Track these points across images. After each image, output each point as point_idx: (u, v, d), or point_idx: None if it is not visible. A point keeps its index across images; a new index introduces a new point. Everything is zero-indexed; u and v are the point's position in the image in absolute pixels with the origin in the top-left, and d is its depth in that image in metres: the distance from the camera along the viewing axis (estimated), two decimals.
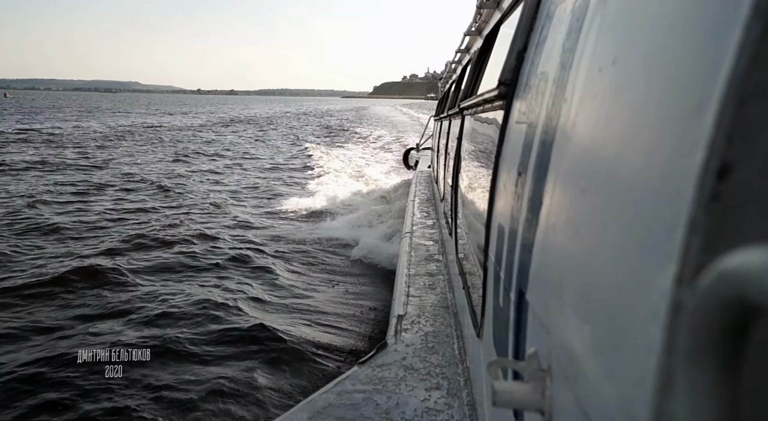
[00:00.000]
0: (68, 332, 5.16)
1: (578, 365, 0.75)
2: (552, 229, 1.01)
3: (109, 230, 8.96)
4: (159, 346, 4.81)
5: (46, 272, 6.58)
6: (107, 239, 8.35)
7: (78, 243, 8.13)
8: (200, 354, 4.74)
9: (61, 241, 8.24)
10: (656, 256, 0.53)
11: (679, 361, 0.42)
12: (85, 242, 8.21)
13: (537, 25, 1.55)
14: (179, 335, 5.02)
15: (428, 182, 9.29)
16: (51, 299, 5.88)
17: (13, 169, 15.00)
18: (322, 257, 7.75)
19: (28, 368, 4.46)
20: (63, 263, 6.99)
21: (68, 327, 5.26)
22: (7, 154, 18.21)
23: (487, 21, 3.67)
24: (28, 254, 7.47)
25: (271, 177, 16.15)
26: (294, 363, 4.58)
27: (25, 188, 12.27)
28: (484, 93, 2.30)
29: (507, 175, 1.53)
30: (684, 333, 0.42)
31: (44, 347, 4.84)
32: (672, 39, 0.60)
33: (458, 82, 5.88)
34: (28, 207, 10.15)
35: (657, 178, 0.56)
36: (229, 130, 37.68)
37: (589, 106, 0.87)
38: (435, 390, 2.45)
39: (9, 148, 20.30)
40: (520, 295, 1.21)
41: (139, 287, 6.27)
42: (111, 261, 7.05)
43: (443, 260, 4.54)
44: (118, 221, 9.57)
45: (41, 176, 14.24)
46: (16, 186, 12.54)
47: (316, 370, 4.47)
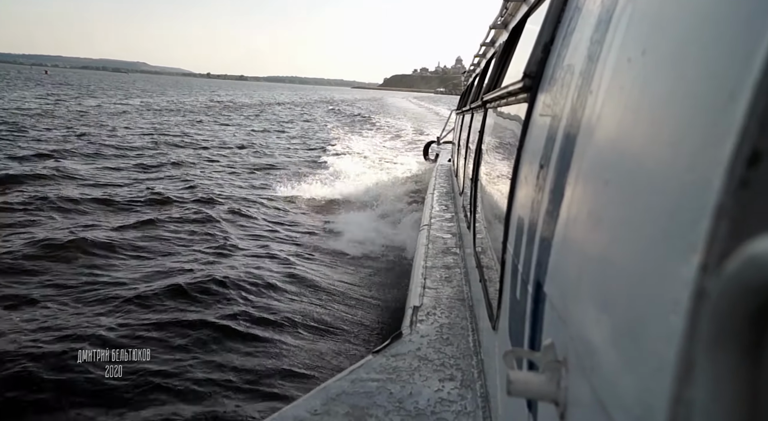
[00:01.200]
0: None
1: (595, 356, 0.75)
2: (573, 221, 1.00)
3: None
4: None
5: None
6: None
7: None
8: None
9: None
10: (680, 245, 0.53)
11: (701, 349, 0.42)
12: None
13: (565, 17, 1.53)
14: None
15: (448, 176, 9.26)
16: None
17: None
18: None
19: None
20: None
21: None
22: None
23: (513, 14, 3.64)
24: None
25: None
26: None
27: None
28: (508, 86, 2.29)
29: (528, 167, 1.52)
30: (707, 320, 0.42)
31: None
32: (704, 28, 0.60)
33: (482, 75, 5.84)
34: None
35: (684, 168, 0.56)
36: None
37: (616, 98, 0.86)
38: (449, 381, 2.46)
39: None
40: (538, 287, 1.21)
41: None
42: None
43: (460, 254, 4.53)
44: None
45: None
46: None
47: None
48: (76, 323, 4.98)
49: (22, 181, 10.42)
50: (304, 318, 5.53)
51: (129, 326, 5.00)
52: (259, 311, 5.54)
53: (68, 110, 27.58)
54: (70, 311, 5.25)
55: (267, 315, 5.47)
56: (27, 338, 4.66)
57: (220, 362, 4.55)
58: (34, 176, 10.84)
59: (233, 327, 5.10)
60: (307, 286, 6.43)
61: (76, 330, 4.82)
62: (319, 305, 5.96)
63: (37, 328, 4.86)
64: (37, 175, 10.91)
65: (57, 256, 6.58)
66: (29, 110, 25.28)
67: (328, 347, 5.02)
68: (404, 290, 4.20)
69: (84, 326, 4.91)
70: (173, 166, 14.01)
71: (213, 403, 4.03)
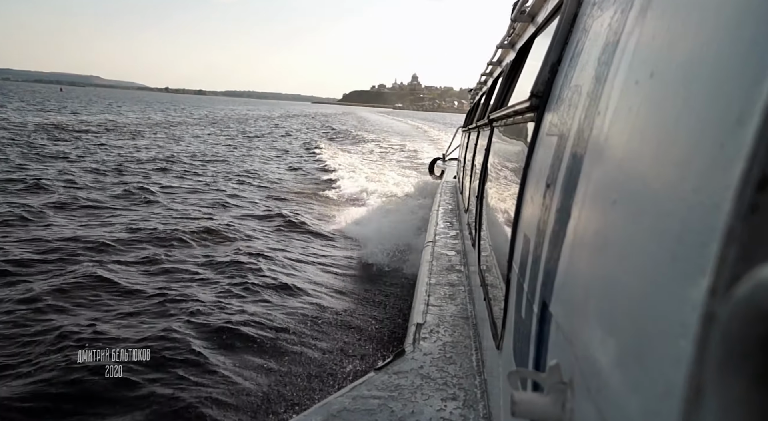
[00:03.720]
0: None
1: (602, 378, 0.75)
2: (580, 241, 1.00)
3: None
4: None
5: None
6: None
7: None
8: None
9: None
10: (688, 268, 0.53)
11: (710, 373, 0.42)
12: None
13: (572, 38, 1.55)
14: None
15: (453, 193, 9.27)
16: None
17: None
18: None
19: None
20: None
21: None
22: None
23: (520, 34, 3.67)
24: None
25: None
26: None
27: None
28: (515, 105, 2.30)
29: (535, 186, 1.53)
30: (716, 344, 0.42)
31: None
32: (712, 52, 0.60)
33: (488, 94, 5.88)
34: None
35: (692, 190, 0.56)
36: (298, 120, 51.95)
37: (624, 119, 0.86)
38: (451, 400, 2.44)
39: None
40: (544, 307, 1.21)
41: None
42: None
43: (465, 271, 4.52)
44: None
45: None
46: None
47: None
48: None
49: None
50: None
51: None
52: None
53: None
54: None
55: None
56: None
57: None
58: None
59: None
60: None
61: None
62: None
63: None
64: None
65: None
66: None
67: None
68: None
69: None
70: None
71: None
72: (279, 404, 4.21)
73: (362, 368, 4.86)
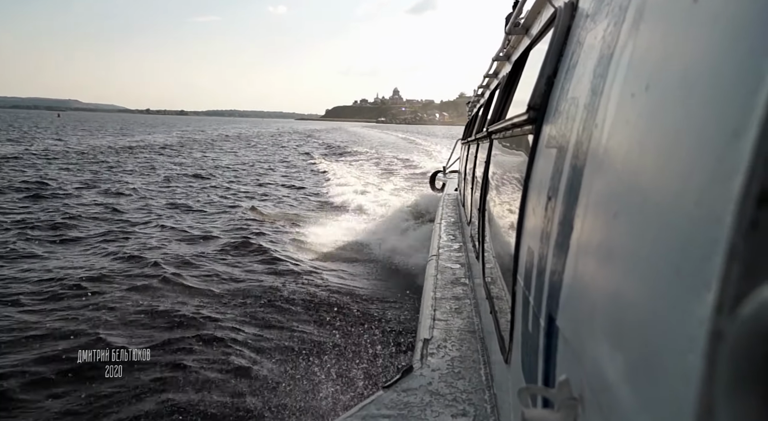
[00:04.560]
0: None
1: (611, 394, 0.74)
2: (583, 253, 1.00)
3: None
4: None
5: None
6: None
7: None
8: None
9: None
10: (693, 282, 0.52)
11: (720, 390, 0.42)
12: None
13: (567, 51, 1.55)
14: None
15: (455, 205, 9.26)
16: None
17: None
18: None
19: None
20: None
21: None
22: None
23: (515, 47, 3.69)
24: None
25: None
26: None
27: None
28: (513, 117, 2.31)
29: (536, 199, 1.52)
30: (725, 362, 0.41)
31: None
32: (707, 64, 0.60)
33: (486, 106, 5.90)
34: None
35: (692, 203, 0.56)
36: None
37: (621, 131, 0.86)
38: (461, 417, 2.41)
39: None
40: (550, 320, 1.20)
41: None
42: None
43: (470, 284, 4.50)
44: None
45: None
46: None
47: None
48: None
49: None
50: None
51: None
52: None
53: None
54: None
55: None
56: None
57: None
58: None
59: None
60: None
61: None
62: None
63: None
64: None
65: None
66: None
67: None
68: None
69: None
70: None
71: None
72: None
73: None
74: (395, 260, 9.25)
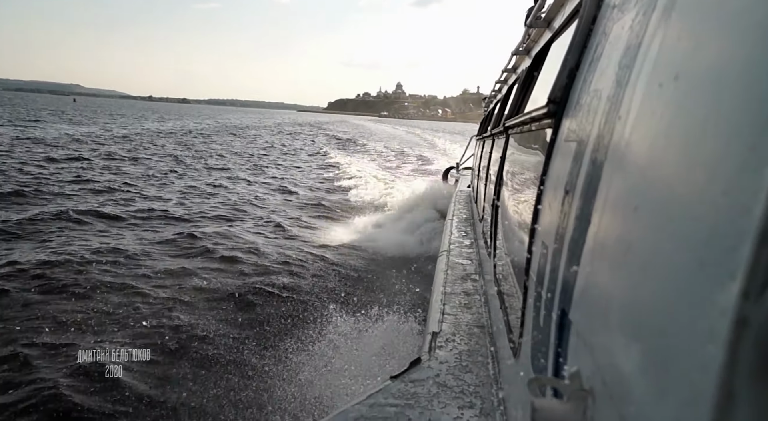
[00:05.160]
0: None
1: (625, 385, 0.73)
2: (600, 247, 0.99)
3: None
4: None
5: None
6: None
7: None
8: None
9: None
10: (717, 273, 0.52)
11: (742, 378, 0.41)
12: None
13: (591, 42, 1.54)
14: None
15: (467, 202, 9.24)
16: None
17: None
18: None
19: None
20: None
21: None
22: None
23: (536, 40, 3.66)
24: None
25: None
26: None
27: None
28: (531, 111, 2.29)
29: (553, 193, 1.51)
30: (748, 349, 0.41)
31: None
32: (741, 52, 0.59)
33: (503, 101, 5.86)
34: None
35: (720, 193, 0.55)
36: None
37: (647, 123, 0.85)
38: (468, 409, 2.41)
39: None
40: (563, 314, 1.19)
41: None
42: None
43: (480, 280, 4.49)
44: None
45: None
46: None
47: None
48: None
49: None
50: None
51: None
52: None
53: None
54: None
55: None
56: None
57: None
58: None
59: None
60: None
61: None
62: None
63: None
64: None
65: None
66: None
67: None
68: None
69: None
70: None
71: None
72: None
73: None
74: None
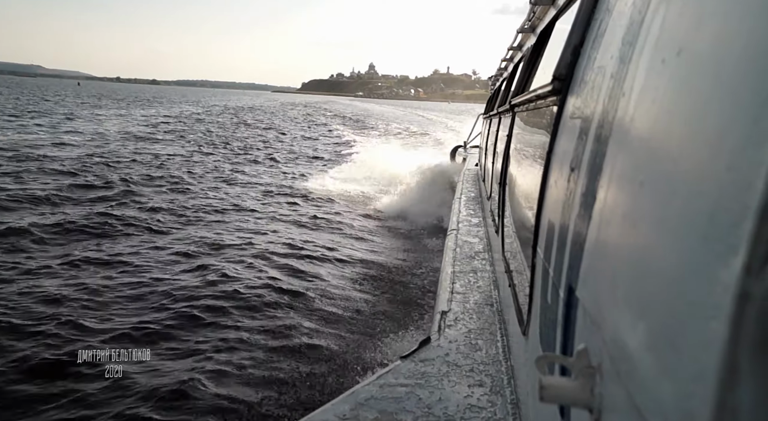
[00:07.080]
0: None
1: (632, 362, 0.74)
2: (606, 224, 0.99)
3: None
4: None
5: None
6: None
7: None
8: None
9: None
10: (720, 248, 0.52)
11: (746, 353, 0.41)
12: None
13: (595, 19, 1.52)
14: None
15: (475, 181, 9.21)
16: None
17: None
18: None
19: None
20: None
21: None
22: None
23: (541, 18, 3.61)
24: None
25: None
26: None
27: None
28: (537, 89, 2.27)
29: (559, 170, 1.51)
30: (751, 324, 0.41)
31: None
32: (743, 26, 0.59)
33: (509, 79, 5.81)
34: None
35: (723, 168, 0.55)
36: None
37: (651, 99, 0.85)
38: (478, 387, 2.44)
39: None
40: (570, 291, 1.20)
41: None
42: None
43: (488, 258, 4.50)
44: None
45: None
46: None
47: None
48: None
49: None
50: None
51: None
52: None
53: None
54: None
55: None
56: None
57: None
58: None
59: None
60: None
61: None
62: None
63: None
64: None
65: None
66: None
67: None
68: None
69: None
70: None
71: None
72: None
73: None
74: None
